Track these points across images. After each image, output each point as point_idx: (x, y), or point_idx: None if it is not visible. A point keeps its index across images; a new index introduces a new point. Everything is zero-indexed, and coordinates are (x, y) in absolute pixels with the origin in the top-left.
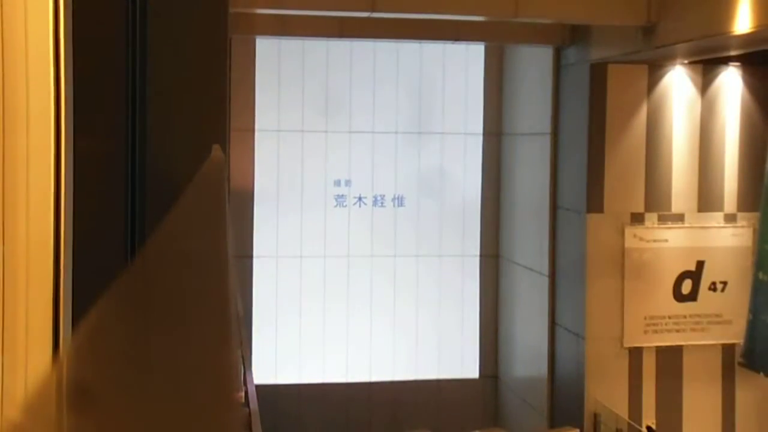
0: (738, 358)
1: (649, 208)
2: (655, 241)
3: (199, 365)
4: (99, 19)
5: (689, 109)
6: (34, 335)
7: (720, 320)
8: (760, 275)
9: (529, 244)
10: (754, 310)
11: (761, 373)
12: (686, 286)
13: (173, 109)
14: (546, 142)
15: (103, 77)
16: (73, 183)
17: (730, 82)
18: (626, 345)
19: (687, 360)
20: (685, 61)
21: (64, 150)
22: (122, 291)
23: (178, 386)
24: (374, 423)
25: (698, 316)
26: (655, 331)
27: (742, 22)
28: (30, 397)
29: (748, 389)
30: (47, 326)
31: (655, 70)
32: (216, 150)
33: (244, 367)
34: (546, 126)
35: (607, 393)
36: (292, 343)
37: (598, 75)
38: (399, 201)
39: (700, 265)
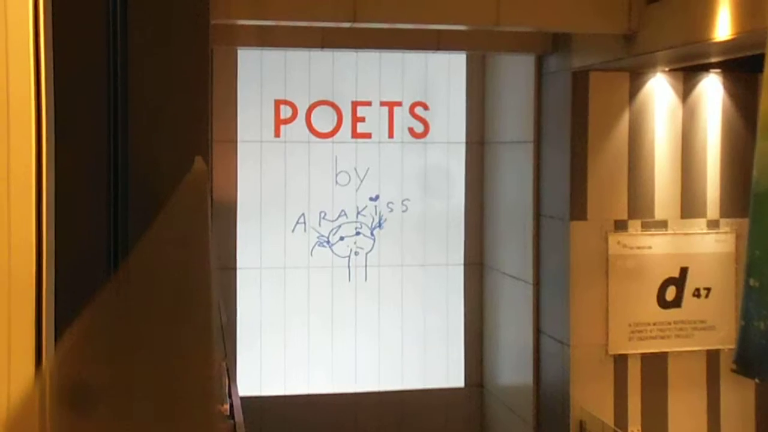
0: (731, 365)
1: (632, 215)
2: (638, 247)
3: (182, 377)
4: (79, 30)
5: (671, 116)
6: (17, 347)
7: (704, 326)
8: (751, 282)
9: (513, 252)
10: (746, 316)
11: (756, 379)
12: (670, 293)
13: (155, 120)
14: (529, 150)
15: (83, 89)
16: (55, 194)
17: (711, 88)
18: (611, 352)
19: (672, 366)
20: (666, 69)
21: (46, 162)
22: (105, 302)
23: (161, 399)
24: None
25: (683, 322)
26: (640, 338)
27: (722, 29)
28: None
29: (733, 395)
30: (30, 338)
31: (637, 77)
32: (198, 161)
33: (228, 380)
34: (529, 134)
35: (592, 400)
36: (276, 354)
37: (580, 83)
38: (383, 210)
39: (684, 271)
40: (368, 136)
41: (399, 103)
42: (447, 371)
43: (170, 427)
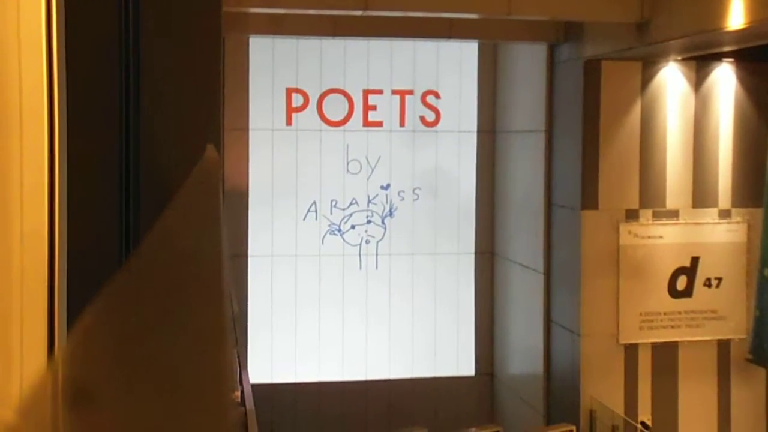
0: (746, 355)
1: (643, 204)
2: (649, 237)
3: (194, 365)
4: (92, 19)
5: (683, 106)
6: (29, 336)
7: (715, 316)
8: (765, 272)
9: (524, 241)
10: (761, 306)
11: None
12: (681, 283)
13: (167, 108)
14: (540, 139)
15: (96, 78)
16: (67, 183)
17: (724, 78)
18: (622, 341)
19: (682, 356)
20: (679, 58)
21: (58, 150)
22: (117, 291)
23: (173, 386)
24: (370, 421)
25: (693, 312)
26: (651, 328)
27: (735, 17)
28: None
29: (743, 384)
30: (42, 326)
31: (649, 66)
32: (210, 149)
33: (239, 367)
34: (540, 123)
35: (602, 389)
36: (287, 342)
37: (591, 72)
38: (394, 199)
39: (695, 261)
40: (380, 124)
41: (410, 92)
42: (457, 360)
43: (184, 414)
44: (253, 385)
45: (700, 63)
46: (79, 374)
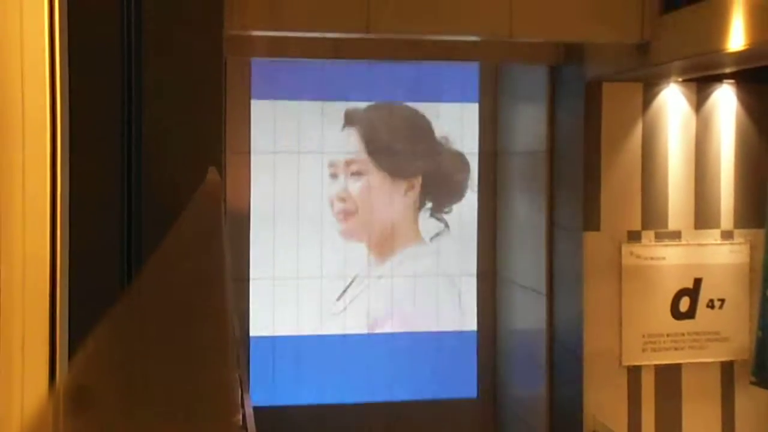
0: (750, 378)
1: (645, 225)
2: (652, 258)
3: (197, 387)
4: (95, 41)
5: (684, 127)
6: (31, 360)
7: (718, 337)
8: None
9: (526, 262)
10: (764, 327)
11: None
12: (684, 304)
13: (169, 131)
14: (542, 161)
15: (98, 101)
16: (70, 205)
17: (725, 99)
18: (625, 363)
19: (686, 378)
20: (680, 79)
21: (60, 172)
22: (120, 314)
23: (176, 408)
24: None
25: (696, 333)
26: (654, 350)
27: (736, 39)
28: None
29: (747, 407)
30: (44, 351)
31: (650, 88)
32: (212, 172)
33: (241, 390)
34: (542, 144)
35: (606, 412)
36: (289, 364)
37: (592, 93)
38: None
39: (698, 282)
40: (379, 146)
41: (412, 113)
42: (459, 382)
43: None
44: (255, 408)
45: (701, 84)
46: (82, 397)
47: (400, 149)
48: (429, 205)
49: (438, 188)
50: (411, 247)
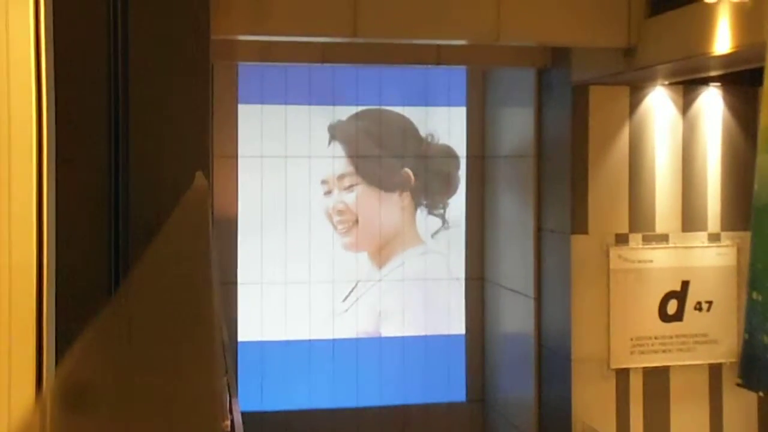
0: (736, 379)
1: (633, 228)
2: (639, 261)
3: (184, 393)
4: (81, 47)
5: (671, 130)
6: (18, 366)
7: (706, 340)
8: (754, 295)
9: (514, 266)
10: (750, 330)
11: (760, 393)
12: (672, 306)
13: (156, 135)
14: (529, 164)
15: (85, 105)
16: (56, 211)
17: (711, 102)
18: (613, 366)
19: (674, 380)
20: (666, 82)
21: (47, 178)
22: (107, 319)
23: (164, 415)
24: None
25: (684, 336)
26: (642, 352)
27: (721, 43)
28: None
29: (735, 408)
30: (30, 357)
31: (637, 91)
32: (199, 177)
33: (230, 395)
34: (529, 148)
35: (594, 414)
36: (277, 369)
37: (579, 97)
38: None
39: (685, 285)
40: (366, 150)
41: (400, 118)
42: (448, 386)
43: None
44: (244, 413)
45: (687, 87)
46: (69, 403)
47: (388, 155)
48: (425, 203)
49: (430, 186)
50: (408, 250)
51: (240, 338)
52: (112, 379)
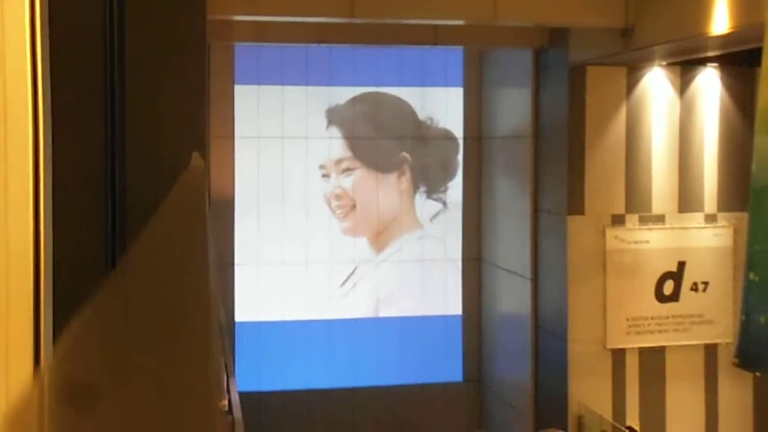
0: (732, 359)
1: (629, 209)
2: (636, 242)
3: (181, 373)
4: (77, 27)
5: (668, 111)
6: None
7: (702, 320)
8: (751, 275)
9: (510, 247)
10: (747, 310)
11: (757, 373)
12: (668, 287)
13: (152, 116)
14: (526, 145)
15: (80, 86)
16: (52, 192)
17: (708, 82)
18: (609, 346)
19: (670, 360)
20: (664, 63)
21: (43, 160)
22: (103, 300)
23: (161, 395)
24: (358, 429)
25: (680, 316)
26: (638, 333)
27: (719, 23)
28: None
29: (731, 389)
30: (28, 338)
31: (634, 71)
32: (196, 157)
33: (227, 375)
34: (526, 129)
35: (590, 395)
36: (274, 350)
37: (577, 77)
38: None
39: (682, 265)
40: (363, 132)
41: (397, 98)
42: (445, 366)
43: (171, 423)
44: (241, 393)
45: (684, 68)
46: (66, 384)
47: (385, 138)
48: (423, 188)
49: (429, 170)
50: (406, 234)
51: (237, 318)
52: (109, 358)
